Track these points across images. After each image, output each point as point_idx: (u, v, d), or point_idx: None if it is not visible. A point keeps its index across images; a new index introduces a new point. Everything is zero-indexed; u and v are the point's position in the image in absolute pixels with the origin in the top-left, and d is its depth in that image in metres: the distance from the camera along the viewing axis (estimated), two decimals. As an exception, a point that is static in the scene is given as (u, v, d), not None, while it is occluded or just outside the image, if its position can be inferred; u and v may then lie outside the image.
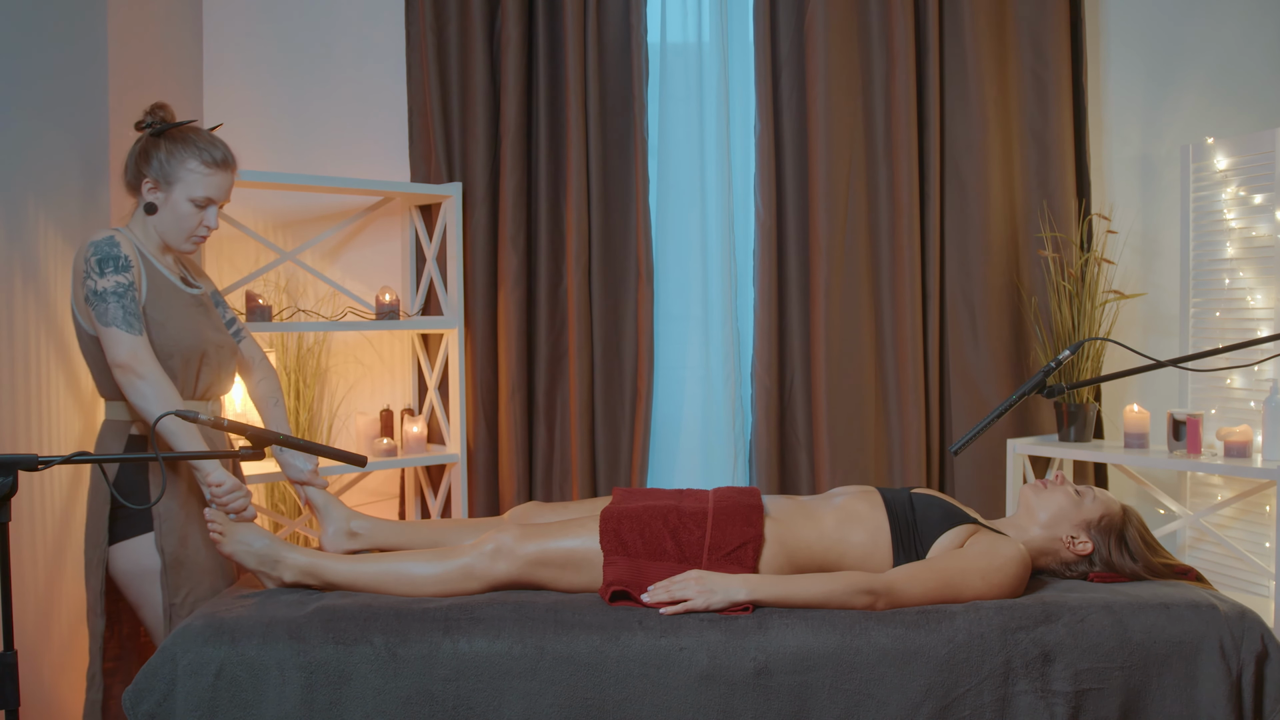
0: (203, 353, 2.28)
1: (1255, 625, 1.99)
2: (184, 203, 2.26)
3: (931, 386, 3.50)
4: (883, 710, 1.88)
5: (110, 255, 2.17)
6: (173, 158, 2.25)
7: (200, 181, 2.26)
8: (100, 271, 2.16)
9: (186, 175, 2.25)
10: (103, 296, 2.14)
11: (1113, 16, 3.64)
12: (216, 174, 2.28)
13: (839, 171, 3.43)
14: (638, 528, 2.09)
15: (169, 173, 2.25)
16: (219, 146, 2.29)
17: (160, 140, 2.26)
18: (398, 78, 3.50)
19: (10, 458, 1.64)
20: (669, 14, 3.52)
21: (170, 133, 2.27)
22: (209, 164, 2.26)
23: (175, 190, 2.25)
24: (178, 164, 2.25)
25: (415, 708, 1.88)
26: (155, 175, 2.25)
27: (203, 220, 2.29)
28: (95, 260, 2.17)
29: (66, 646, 2.54)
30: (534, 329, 3.46)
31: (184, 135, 2.27)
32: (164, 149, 2.25)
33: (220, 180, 2.29)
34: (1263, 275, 3.10)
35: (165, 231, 2.29)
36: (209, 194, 2.27)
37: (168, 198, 2.26)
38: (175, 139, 2.26)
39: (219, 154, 2.28)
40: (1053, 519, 2.23)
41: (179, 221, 2.27)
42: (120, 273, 2.16)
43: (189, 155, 2.25)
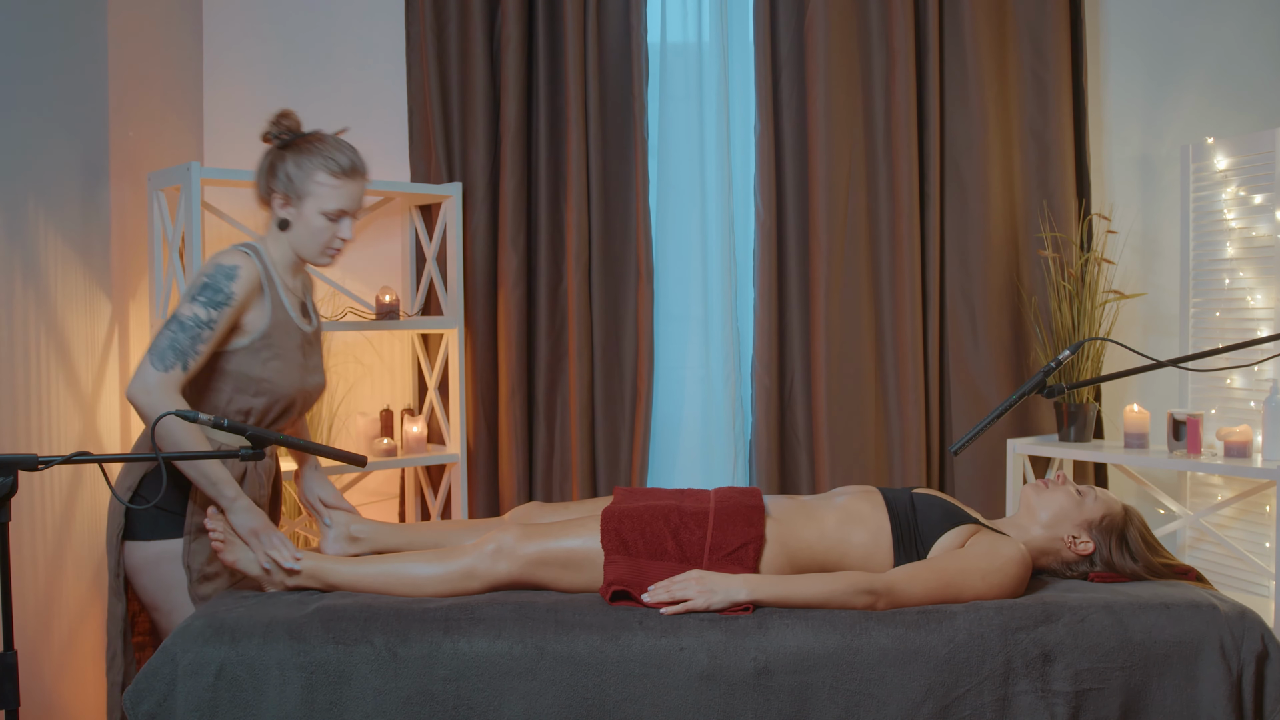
0: (290, 401, 2.24)
1: (1255, 625, 1.99)
2: (316, 216, 2.19)
3: (931, 386, 3.50)
4: (883, 710, 1.88)
5: (216, 285, 2.09)
6: (300, 170, 2.17)
7: (330, 194, 2.18)
8: (193, 294, 2.09)
9: (316, 189, 2.17)
10: (175, 321, 2.07)
11: (1113, 16, 3.64)
12: (346, 184, 2.19)
13: (839, 171, 3.43)
14: (639, 527, 2.09)
15: (298, 187, 2.18)
16: (346, 153, 2.20)
17: (286, 152, 2.19)
18: (398, 78, 3.50)
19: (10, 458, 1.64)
20: (669, 14, 3.52)
21: (296, 143, 2.19)
22: (337, 174, 2.18)
23: (306, 204, 2.18)
24: (305, 177, 2.17)
25: (415, 708, 1.88)
26: (284, 190, 2.18)
27: (337, 233, 2.22)
28: (202, 282, 2.09)
29: (66, 646, 2.54)
30: (534, 329, 3.46)
31: (310, 145, 2.19)
32: (290, 161, 2.18)
33: (351, 190, 2.20)
34: (1263, 275, 3.10)
35: (300, 247, 2.22)
36: (340, 206, 2.19)
37: (299, 212, 2.19)
38: (301, 149, 2.18)
39: (346, 162, 2.19)
40: (1054, 519, 2.23)
41: (313, 236, 2.21)
42: (210, 307, 2.08)
43: (316, 167, 2.17)
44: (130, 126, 2.91)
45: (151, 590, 2.19)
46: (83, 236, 2.64)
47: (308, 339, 2.30)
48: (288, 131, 2.21)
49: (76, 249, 2.61)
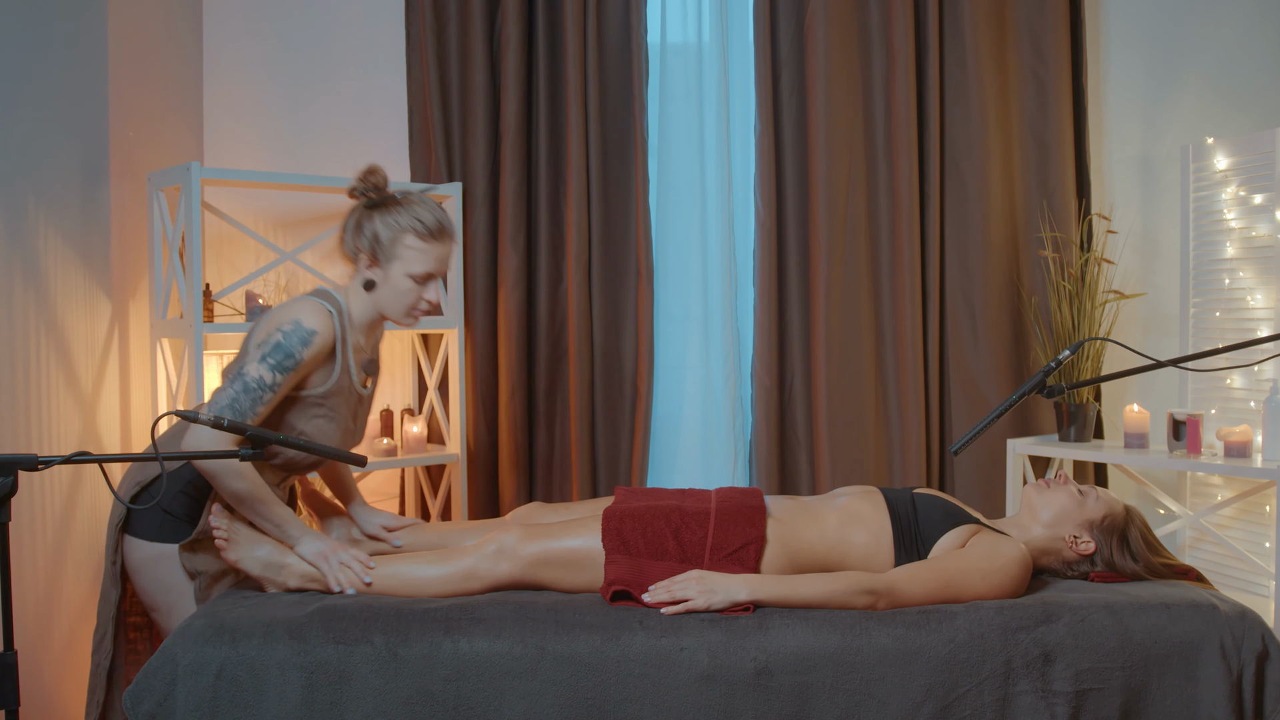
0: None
1: (1256, 625, 1.99)
2: (403, 279, 2.16)
3: (931, 386, 3.50)
4: (883, 710, 1.88)
5: (289, 351, 2.05)
6: (388, 231, 2.14)
7: (418, 257, 2.14)
8: (264, 353, 2.05)
9: (404, 252, 2.14)
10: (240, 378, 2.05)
11: (1113, 16, 3.64)
12: (434, 246, 2.16)
13: (839, 171, 3.43)
14: (640, 527, 2.09)
15: (385, 250, 2.14)
16: (434, 213, 2.16)
17: (374, 212, 2.16)
18: (398, 78, 3.50)
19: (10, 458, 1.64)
20: (669, 14, 3.52)
21: (385, 203, 2.16)
22: (425, 236, 2.14)
23: (393, 266, 2.15)
24: (393, 239, 2.14)
25: (416, 708, 1.88)
26: (370, 250, 2.15)
27: (423, 294, 2.19)
28: (276, 340, 2.06)
29: (66, 646, 2.54)
30: (534, 329, 3.46)
31: (398, 205, 2.16)
32: (378, 221, 2.15)
33: (439, 252, 2.17)
34: (1263, 275, 3.10)
35: (385, 307, 2.19)
36: (428, 269, 2.16)
37: (386, 274, 2.16)
38: (389, 209, 2.15)
39: (434, 223, 2.15)
40: (1055, 518, 2.23)
41: (398, 298, 2.18)
42: (276, 371, 2.05)
43: (405, 229, 2.14)
44: (130, 126, 2.91)
45: (150, 590, 2.19)
46: (83, 236, 2.64)
47: (362, 401, 2.28)
48: (375, 190, 2.17)
49: (76, 249, 2.61)
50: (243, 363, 2.08)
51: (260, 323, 2.15)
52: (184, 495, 2.17)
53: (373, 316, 2.23)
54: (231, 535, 2.10)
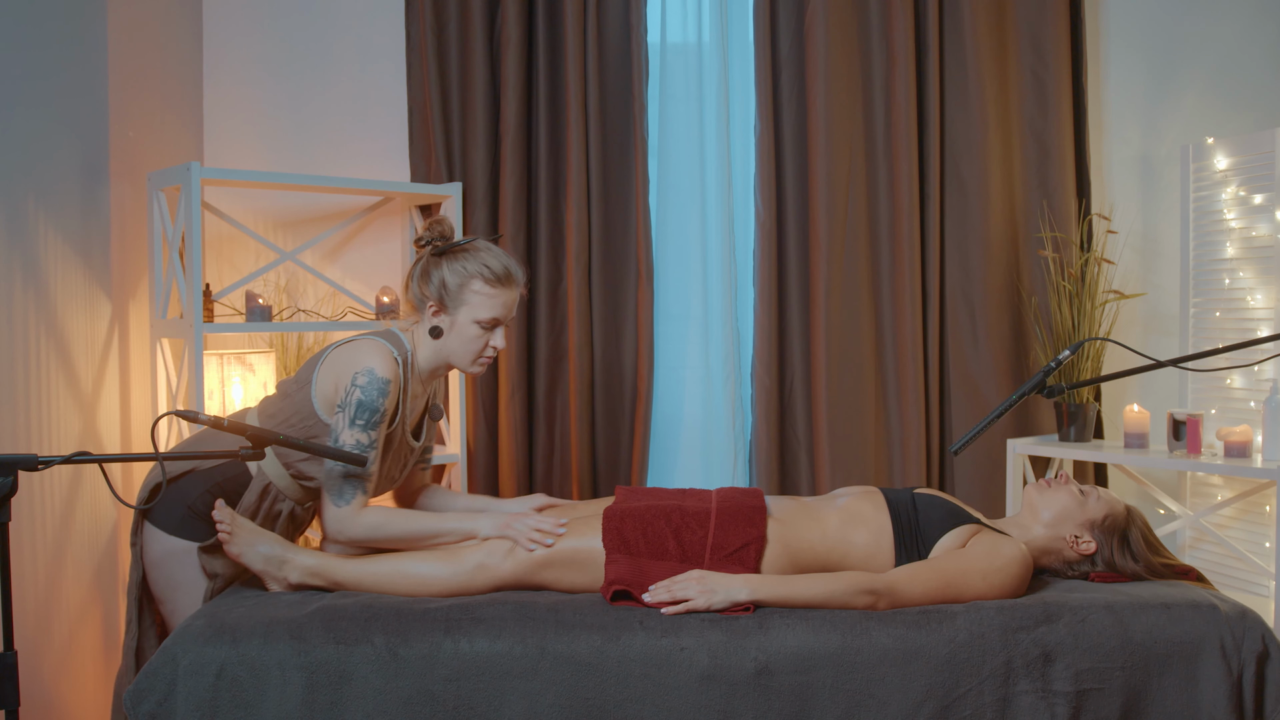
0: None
1: (1256, 625, 1.99)
2: (470, 325, 2.17)
3: (931, 386, 3.49)
4: (884, 710, 1.88)
5: (372, 406, 2.08)
6: (455, 277, 2.15)
7: (486, 303, 2.16)
8: (354, 419, 2.08)
9: (471, 298, 2.15)
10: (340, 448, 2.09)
11: (1113, 16, 3.64)
12: (502, 292, 2.17)
13: (839, 171, 3.43)
14: (640, 527, 2.09)
15: (453, 295, 2.16)
16: (502, 260, 2.18)
17: (442, 260, 2.17)
18: (398, 78, 3.50)
19: (10, 458, 1.65)
20: (669, 14, 3.52)
21: (453, 250, 2.17)
22: (492, 282, 2.16)
23: (460, 314, 2.16)
24: (461, 285, 2.15)
25: (416, 708, 1.88)
26: (438, 297, 2.16)
27: (490, 341, 2.20)
28: (358, 400, 2.08)
29: (66, 646, 2.54)
30: (534, 329, 3.46)
31: (466, 253, 2.17)
32: (446, 269, 2.16)
33: (506, 298, 2.18)
34: (1263, 275, 3.10)
35: (452, 355, 2.20)
36: (495, 315, 2.18)
37: (453, 321, 2.17)
38: (457, 256, 2.17)
39: (501, 269, 2.17)
40: (1056, 518, 2.23)
41: (465, 345, 2.19)
42: (368, 429, 2.08)
43: (473, 276, 2.15)
44: (130, 126, 2.91)
45: (161, 585, 2.20)
46: (83, 236, 2.64)
47: (412, 453, 2.30)
48: (441, 238, 2.19)
49: (76, 249, 2.61)
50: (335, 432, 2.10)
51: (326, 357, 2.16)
52: (209, 495, 2.18)
53: (437, 364, 2.24)
54: (234, 529, 2.11)
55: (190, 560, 2.17)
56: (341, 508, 2.11)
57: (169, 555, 2.18)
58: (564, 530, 2.11)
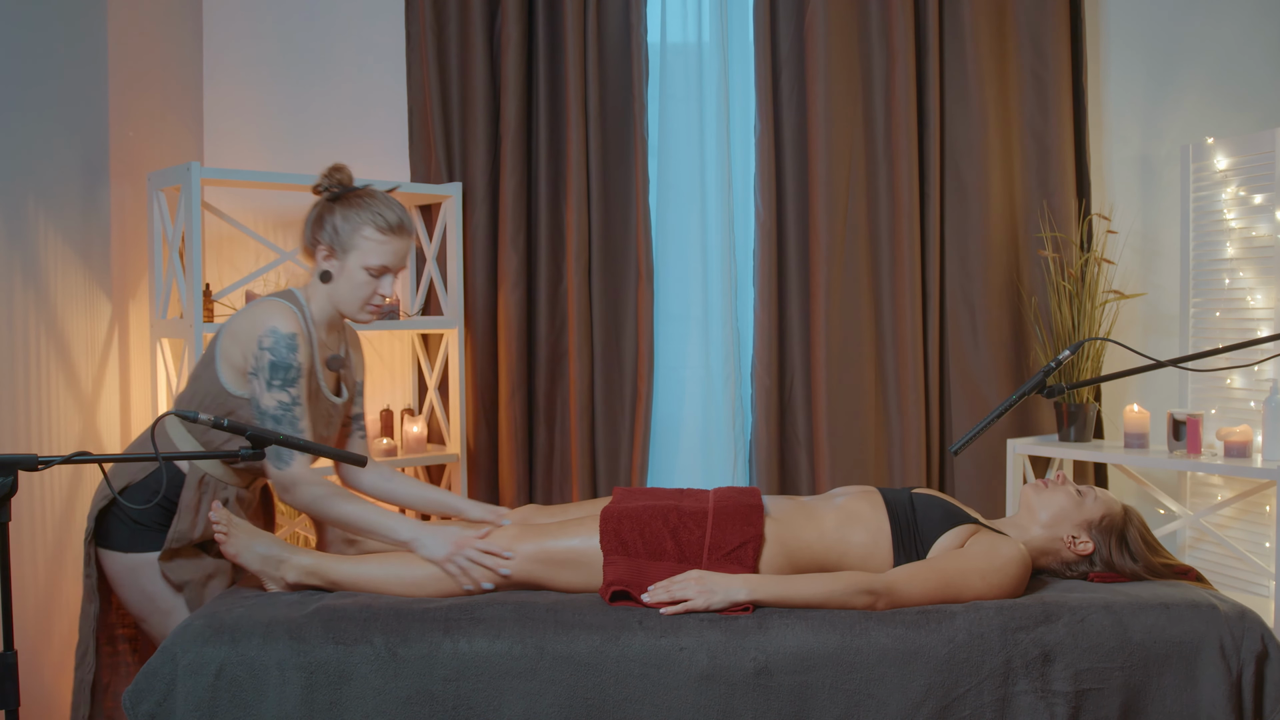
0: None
1: (1255, 625, 1.99)
2: (358, 271, 2.19)
3: (931, 386, 3.50)
4: (883, 710, 1.88)
5: (284, 363, 2.10)
6: (347, 223, 2.18)
7: (375, 250, 2.18)
8: (269, 381, 2.10)
9: (362, 242, 2.18)
10: (264, 415, 2.10)
11: (1113, 16, 3.64)
12: (392, 240, 2.20)
13: (839, 171, 3.43)
14: (638, 527, 2.09)
15: (343, 240, 2.18)
16: (395, 210, 2.21)
17: (335, 205, 2.20)
18: (398, 78, 3.50)
19: (10, 458, 1.65)
20: (669, 14, 3.52)
21: (346, 197, 2.21)
22: (384, 230, 2.18)
23: (350, 258, 2.19)
24: (352, 230, 2.18)
25: (415, 708, 1.88)
26: (329, 242, 2.19)
27: (377, 289, 2.22)
28: (269, 362, 2.10)
29: (66, 646, 2.54)
30: (534, 329, 3.46)
31: (359, 199, 2.20)
32: (339, 214, 2.19)
33: (396, 247, 2.21)
34: (1263, 275, 3.10)
35: (340, 300, 2.22)
36: (384, 262, 2.20)
37: (342, 265, 2.20)
38: (350, 204, 2.20)
39: (394, 218, 2.20)
40: (1054, 519, 2.23)
41: (354, 290, 2.21)
42: (287, 387, 2.10)
43: (364, 222, 2.18)
44: (130, 126, 2.91)
45: (135, 602, 2.19)
46: (83, 236, 2.65)
47: (335, 409, 2.30)
48: (339, 185, 2.21)
49: (76, 249, 2.62)
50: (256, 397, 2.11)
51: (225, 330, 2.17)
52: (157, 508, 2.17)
53: (331, 314, 2.26)
54: (230, 529, 2.11)
55: (153, 570, 2.17)
56: (283, 470, 2.12)
57: (131, 571, 2.17)
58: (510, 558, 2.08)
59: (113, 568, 2.18)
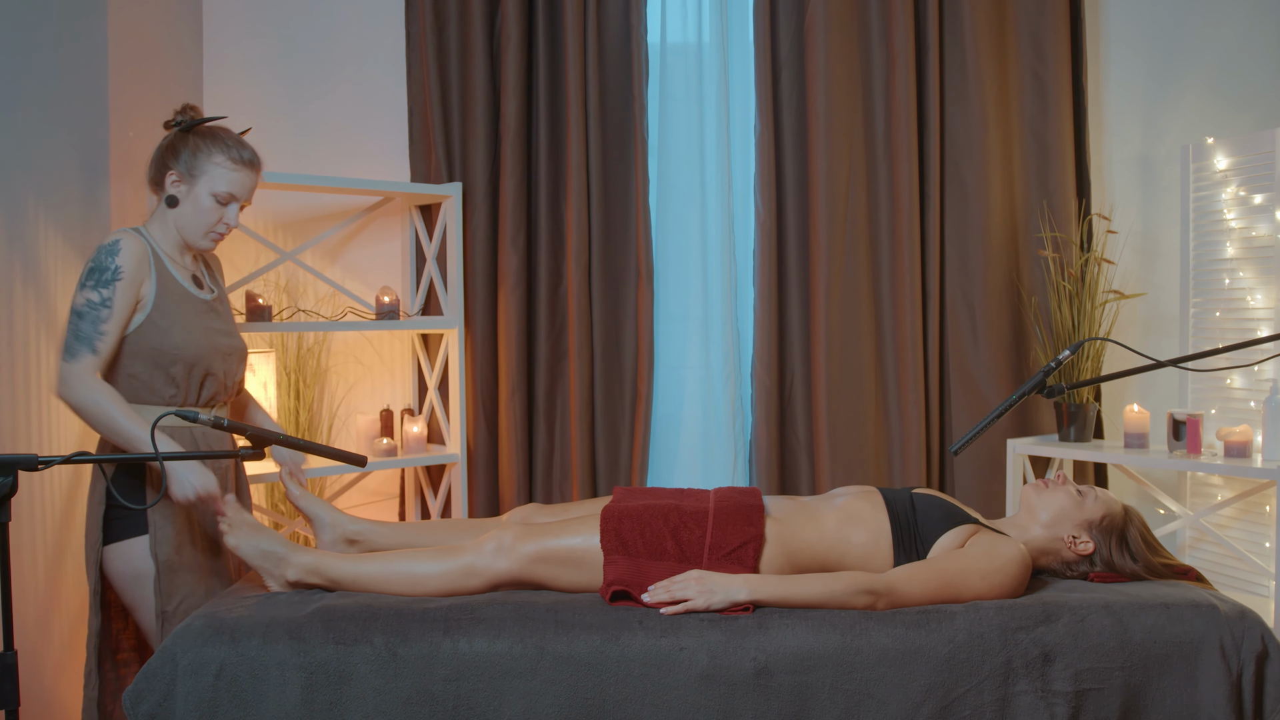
0: (208, 365, 2.28)
1: (1255, 625, 1.99)
2: (206, 196, 2.27)
3: (931, 386, 3.50)
4: (883, 710, 1.88)
5: (100, 265, 2.16)
6: (199, 152, 2.26)
7: (224, 176, 2.27)
8: (84, 282, 2.16)
9: (212, 169, 2.27)
10: (72, 313, 2.15)
11: (1113, 16, 3.64)
12: (241, 170, 2.29)
13: (839, 171, 3.43)
14: (638, 527, 2.09)
15: (194, 166, 2.27)
16: (246, 147, 2.32)
17: (189, 135, 2.28)
18: (398, 78, 3.50)
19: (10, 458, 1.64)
20: (669, 14, 3.52)
21: (199, 129, 2.30)
22: (235, 160, 2.28)
23: (199, 184, 2.27)
24: (204, 158, 2.26)
25: (415, 708, 1.88)
26: (181, 168, 2.27)
27: (222, 217, 2.30)
28: (89, 267, 2.17)
29: (66, 646, 2.54)
30: (534, 329, 3.46)
31: (212, 132, 2.30)
32: (191, 143, 2.27)
33: (244, 178, 2.30)
34: (1263, 275, 3.10)
35: (184, 226, 2.30)
36: (231, 190, 2.28)
37: (190, 190, 2.27)
38: (204, 134, 2.29)
39: (246, 153, 2.31)
40: (1054, 519, 2.23)
41: (199, 216, 2.29)
42: (100, 287, 2.15)
43: (216, 150, 2.27)
44: (130, 126, 2.91)
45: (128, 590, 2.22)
46: (83, 236, 2.64)
47: (209, 306, 2.34)
48: (190, 118, 2.30)
49: (76, 249, 2.61)
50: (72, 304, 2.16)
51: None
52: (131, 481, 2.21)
53: (176, 239, 2.32)
54: (234, 522, 2.12)
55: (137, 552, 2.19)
56: (68, 362, 2.13)
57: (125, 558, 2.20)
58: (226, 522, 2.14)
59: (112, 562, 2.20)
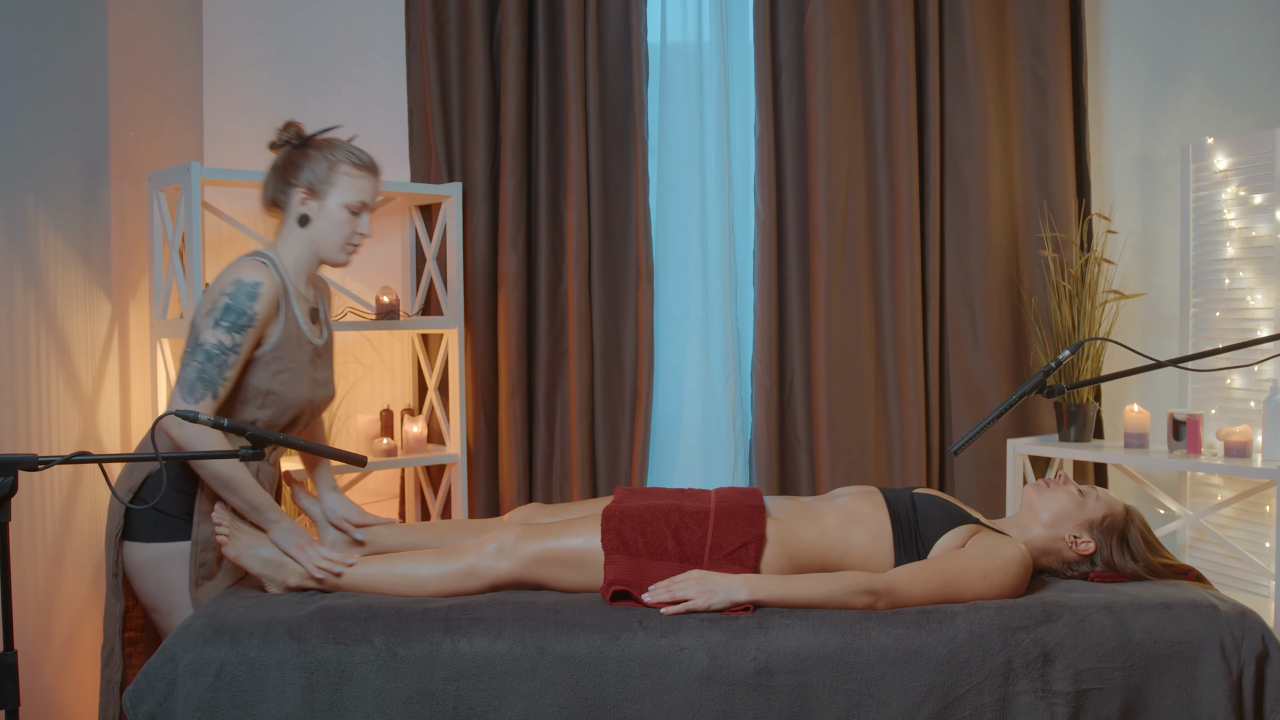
0: (298, 413, 2.25)
1: (1255, 625, 1.99)
2: (338, 209, 2.20)
3: (931, 386, 3.50)
4: (883, 710, 1.88)
5: (239, 308, 2.08)
6: (324, 164, 2.19)
7: (353, 185, 2.21)
8: (218, 320, 2.08)
9: (340, 179, 2.20)
10: (198, 348, 2.08)
11: (1113, 16, 3.64)
12: (367, 177, 2.23)
13: (839, 171, 3.43)
14: (639, 527, 2.09)
15: (320, 180, 2.19)
16: (364, 151, 2.25)
17: (306, 150, 2.22)
18: (398, 78, 3.50)
19: (10, 458, 1.64)
20: (669, 14, 3.52)
21: (314, 141, 2.23)
22: (360, 167, 2.22)
23: (329, 197, 2.20)
24: (329, 170, 2.19)
25: (416, 708, 1.88)
26: (307, 184, 2.20)
27: (356, 227, 2.24)
28: (224, 303, 2.08)
29: (66, 646, 2.54)
30: (534, 329, 3.46)
31: (329, 143, 2.23)
32: (311, 158, 2.20)
33: (371, 184, 2.24)
34: (1263, 275, 3.10)
35: (320, 243, 2.23)
36: (362, 197, 2.22)
37: (322, 206, 2.21)
38: (321, 147, 2.22)
39: (366, 156, 2.24)
40: (1055, 518, 2.23)
41: (334, 230, 2.22)
42: (233, 332, 2.08)
43: (340, 160, 2.20)
44: (130, 126, 2.91)
45: (151, 592, 2.19)
46: (83, 236, 2.65)
47: (318, 351, 2.30)
48: (297, 136, 2.24)
49: (76, 249, 2.61)
50: (197, 335, 2.09)
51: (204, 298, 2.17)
52: (176, 492, 2.18)
53: (308, 260, 2.26)
54: (232, 532, 2.11)
55: (175, 560, 2.17)
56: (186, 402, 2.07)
57: (152, 562, 2.17)
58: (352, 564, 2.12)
59: (134, 558, 2.18)
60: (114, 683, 2.18)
